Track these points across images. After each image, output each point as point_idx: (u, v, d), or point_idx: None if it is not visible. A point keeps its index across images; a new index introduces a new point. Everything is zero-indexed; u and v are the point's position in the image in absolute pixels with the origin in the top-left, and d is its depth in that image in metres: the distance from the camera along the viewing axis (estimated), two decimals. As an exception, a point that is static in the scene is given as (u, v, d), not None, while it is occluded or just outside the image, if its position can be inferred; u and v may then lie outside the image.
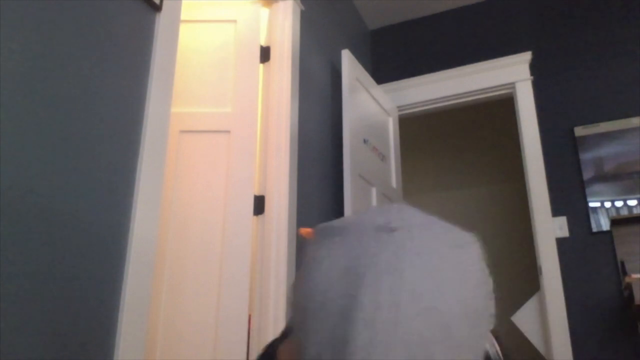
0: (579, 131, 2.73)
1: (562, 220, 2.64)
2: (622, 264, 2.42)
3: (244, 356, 1.79)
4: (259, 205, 2.04)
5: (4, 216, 1.00)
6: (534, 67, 2.97)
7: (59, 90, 1.17)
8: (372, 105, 2.86)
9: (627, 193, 2.55)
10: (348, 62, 2.62)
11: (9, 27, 1.07)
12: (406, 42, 3.42)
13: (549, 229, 2.64)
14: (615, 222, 2.49)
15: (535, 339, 2.61)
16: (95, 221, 1.22)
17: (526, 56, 2.97)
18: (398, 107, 3.25)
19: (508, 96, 3.08)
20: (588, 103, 2.78)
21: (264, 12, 2.35)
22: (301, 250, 0.47)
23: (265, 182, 2.08)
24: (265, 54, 2.26)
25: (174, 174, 2.04)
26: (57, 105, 1.16)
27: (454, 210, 4.63)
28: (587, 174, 2.65)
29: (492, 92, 3.07)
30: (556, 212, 2.67)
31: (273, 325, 1.90)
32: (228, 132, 2.09)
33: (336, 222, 0.47)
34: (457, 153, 4.79)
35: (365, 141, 2.65)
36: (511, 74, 3.00)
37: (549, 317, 2.51)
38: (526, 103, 2.91)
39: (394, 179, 2.98)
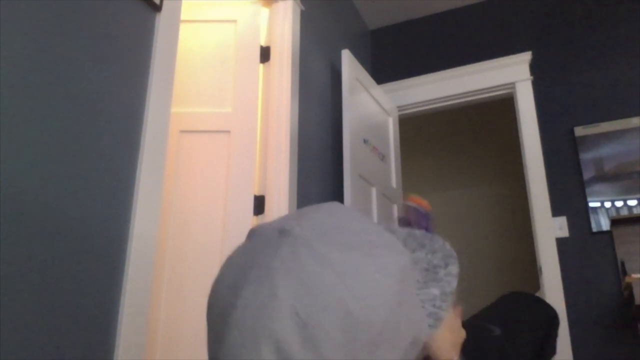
0: (579, 131, 2.73)
1: (562, 220, 2.64)
2: (622, 264, 2.42)
3: None
4: (259, 205, 2.04)
5: (4, 216, 1.00)
6: (534, 67, 2.97)
7: (59, 90, 1.17)
8: (372, 105, 2.86)
9: (627, 193, 2.55)
10: (348, 62, 2.62)
11: (9, 27, 1.07)
12: (406, 42, 3.42)
13: (549, 229, 2.64)
14: (615, 222, 2.49)
15: (535, 339, 2.61)
16: (95, 221, 1.22)
17: (526, 56, 2.97)
18: (398, 107, 3.25)
19: (508, 96, 3.08)
20: (588, 103, 2.78)
21: (264, 12, 2.35)
22: None
23: (265, 182, 2.08)
24: (265, 54, 2.26)
25: (174, 174, 2.04)
26: (57, 106, 1.16)
27: (454, 210, 4.63)
28: (587, 174, 2.65)
29: (492, 92, 3.07)
30: (556, 212, 2.67)
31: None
32: (228, 132, 2.09)
33: (264, 223, 0.47)
34: (457, 153, 4.79)
35: (365, 141, 2.65)
36: (511, 74, 3.00)
37: (549, 317, 2.51)
38: (526, 103, 2.91)
39: (394, 179, 2.98)
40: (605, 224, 2.54)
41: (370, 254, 0.40)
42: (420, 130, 4.89)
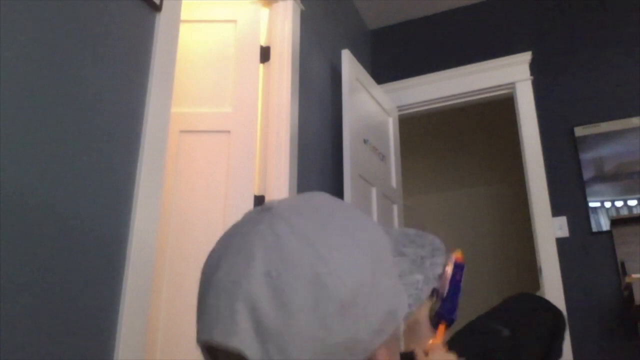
0: (579, 131, 2.73)
1: (562, 220, 2.64)
2: (622, 264, 2.42)
3: (244, 356, 1.78)
4: (259, 205, 2.04)
5: (4, 216, 1.00)
6: (534, 67, 2.97)
7: (59, 90, 1.17)
8: (372, 105, 2.86)
9: (627, 193, 2.55)
10: (348, 62, 2.62)
11: (9, 27, 1.07)
12: (406, 42, 3.42)
13: (549, 229, 2.64)
14: (615, 222, 2.49)
15: (535, 339, 2.61)
16: (96, 221, 1.22)
17: (526, 56, 2.97)
18: (398, 107, 3.25)
19: (508, 96, 3.08)
20: (588, 103, 2.78)
21: (264, 12, 2.35)
22: None
23: (265, 182, 2.08)
24: (265, 54, 2.26)
25: (174, 174, 2.04)
26: (57, 106, 1.16)
27: (454, 210, 4.63)
28: (587, 174, 2.65)
29: (492, 92, 3.07)
30: (556, 212, 2.67)
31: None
32: (228, 132, 2.09)
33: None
34: (457, 153, 4.79)
35: (365, 141, 2.65)
36: (511, 74, 3.00)
37: (549, 317, 2.51)
38: (526, 103, 2.91)
39: (394, 179, 2.98)
40: (605, 224, 2.54)
41: (344, 230, 0.43)
42: (420, 130, 4.89)
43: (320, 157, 2.47)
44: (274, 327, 0.38)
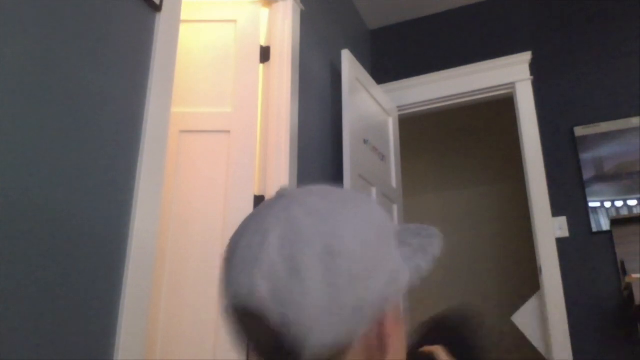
0: (579, 131, 2.73)
1: (562, 220, 2.64)
2: (622, 264, 2.42)
3: (244, 356, 1.79)
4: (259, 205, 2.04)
5: (4, 216, 1.00)
6: (534, 67, 2.97)
7: (59, 90, 1.17)
8: (372, 105, 2.86)
9: (627, 193, 2.55)
10: (348, 62, 2.62)
11: (9, 28, 1.07)
12: (406, 42, 3.42)
13: (549, 229, 2.64)
14: (615, 222, 2.49)
15: (535, 339, 2.61)
16: (96, 222, 1.22)
17: (526, 56, 2.97)
18: (398, 107, 3.25)
19: (508, 96, 3.08)
20: (588, 103, 2.78)
21: (264, 12, 2.35)
22: None
23: (265, 182, 2.08)
24: (265, 54, 2.26)
25: (174, 174, 2.04)
26: (57, 106, 1.16)
27: (454, 210, 4.63)
28: (587, 174, 2.65)
29: (492, 92, 3.06)
30: (556, 212, 2.67)
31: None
32: (228, 132, 2.09)
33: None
34: (457, 153, 4.79)
35: (365, 141, 2.65)
36: (511, 74, 3.00)
37: (549, 317, 2.51)
38: (526, 103, 2.91)
39: (394, 179, 2.98)
40: (605, 224, 2.54)
41: (353, 209, 0.48)
42: (420, 130, 4.89)
43: (320, 157, 2.47)
44: (288, 292, 0.42)
